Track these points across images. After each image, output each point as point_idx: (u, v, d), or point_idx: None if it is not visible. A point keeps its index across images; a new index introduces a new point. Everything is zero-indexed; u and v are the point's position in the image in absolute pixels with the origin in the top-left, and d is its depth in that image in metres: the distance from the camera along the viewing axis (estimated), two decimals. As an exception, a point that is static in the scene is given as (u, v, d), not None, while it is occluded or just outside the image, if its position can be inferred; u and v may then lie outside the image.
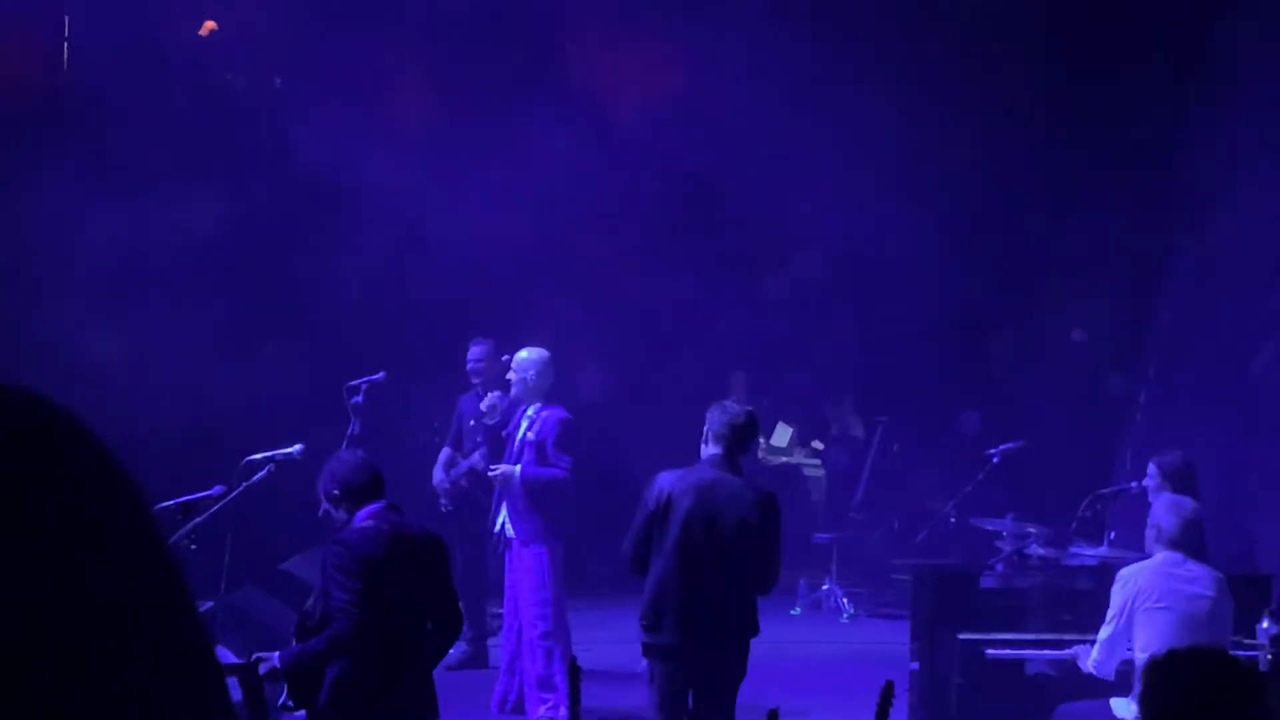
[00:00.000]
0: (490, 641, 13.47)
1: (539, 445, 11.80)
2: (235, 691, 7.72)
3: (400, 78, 17.55)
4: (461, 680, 12.28)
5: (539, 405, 11.92)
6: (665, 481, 8.99)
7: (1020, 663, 10.65)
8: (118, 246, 14.18)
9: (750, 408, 9.43)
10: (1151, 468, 10.70)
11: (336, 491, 7.89)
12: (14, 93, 16.14)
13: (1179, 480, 10.42)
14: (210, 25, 17.21)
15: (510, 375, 12.10)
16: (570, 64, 18.74)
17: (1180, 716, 4.65)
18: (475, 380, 13.25)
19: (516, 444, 11.92)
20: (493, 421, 12.48)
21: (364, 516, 7.83)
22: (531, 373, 11.92)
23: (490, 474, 11.98)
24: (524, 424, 11.94)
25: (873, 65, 17.54)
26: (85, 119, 15.39)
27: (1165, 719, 4.67)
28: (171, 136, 15.43)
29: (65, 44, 16.74)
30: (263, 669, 7.71)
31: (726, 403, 9.39)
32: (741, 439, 9.07)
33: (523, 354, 12.02)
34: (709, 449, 9.07)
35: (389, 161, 16.03)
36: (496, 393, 12.56)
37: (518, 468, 11.75)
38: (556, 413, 11.90)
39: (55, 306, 14.30)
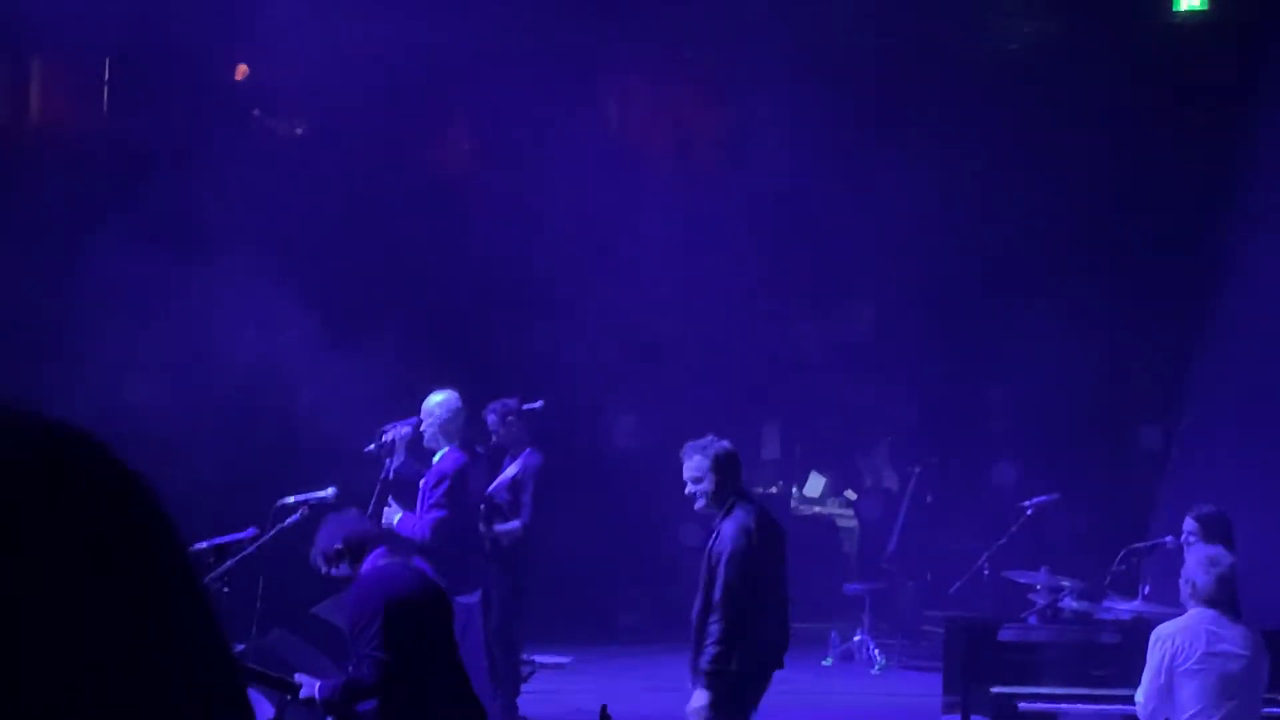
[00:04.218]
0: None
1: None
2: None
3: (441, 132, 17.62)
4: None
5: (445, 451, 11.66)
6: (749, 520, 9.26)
7: (1054, 716, 10.58)
8: (151, 285, 14.21)
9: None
10: (1189, 521, 10.64)
11: (339, 547, 7.91)
12: (55, 135, 16.24)
13: (1216, 533, 10.37)
14: (244, 69, 17.26)
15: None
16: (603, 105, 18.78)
17: None
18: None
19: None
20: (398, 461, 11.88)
21: (372, 560, 7.90)
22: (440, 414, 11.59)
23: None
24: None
25: (899, 130, 17.62)
26: (125, 161, 15.43)
27: None
28: (210, 179, 15.46)
29: (105, 87, 16.84)
30: (302, 694, 7.79)
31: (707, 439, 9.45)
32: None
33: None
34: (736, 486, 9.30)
35: (403, 218, 16.10)
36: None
37: (398, 515, 11.41)
38: (443, 461, 11.61)
39: (98, 347, 14.35)
